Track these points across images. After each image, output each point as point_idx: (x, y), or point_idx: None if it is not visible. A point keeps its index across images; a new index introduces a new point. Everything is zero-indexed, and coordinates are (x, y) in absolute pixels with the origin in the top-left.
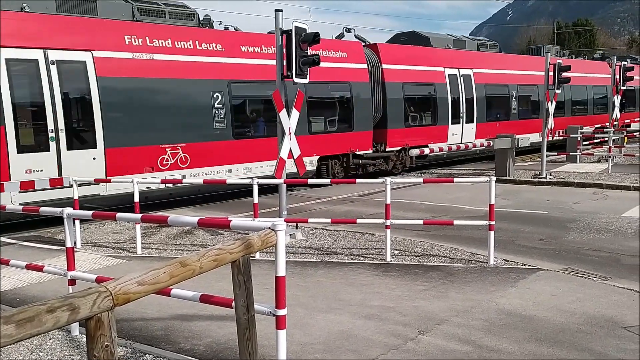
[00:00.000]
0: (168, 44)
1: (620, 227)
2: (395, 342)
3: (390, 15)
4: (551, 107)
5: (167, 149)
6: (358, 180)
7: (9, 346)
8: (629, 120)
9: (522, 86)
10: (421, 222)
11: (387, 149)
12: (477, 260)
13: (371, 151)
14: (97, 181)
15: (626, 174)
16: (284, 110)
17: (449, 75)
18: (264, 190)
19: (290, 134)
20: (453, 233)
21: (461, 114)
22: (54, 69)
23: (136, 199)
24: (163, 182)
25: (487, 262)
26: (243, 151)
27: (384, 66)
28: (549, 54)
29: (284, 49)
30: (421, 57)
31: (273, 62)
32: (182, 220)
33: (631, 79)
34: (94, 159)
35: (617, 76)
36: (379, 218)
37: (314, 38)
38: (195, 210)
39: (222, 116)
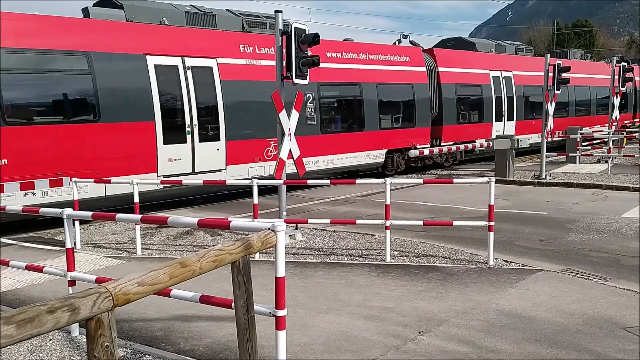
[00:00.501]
0: (271, 51)
1: (620, 228)
2: (394, 342)
3: (389, 16)
4: (551, 108)
5: (271, 142)
6: (358, 180)
7: (8, 347)
8: (628, 121)
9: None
10: (421, 222)
11: (442, 144)
12: (476, 261)
13: (429, 145)
14: (96, 181)
15: (626, 175)
16: (284, 111)
17: (492, 77)
18: (263, 191)
19: (290, 134)
20: (453, 234)
21: (503, 113)
22: (189, 73)
23: (136, 199)
24: (163, 182)
25: (486, 263)
26: (328, 144)
27: (440, 69)
28: (549, 55)
29: (284, 50)
30: (469, 60)
31: (350, 66)
32: (181, 221)
33: (631, 79)
34: (218, 150)
35: (617, 77)
36: (378, 219)
37: (314, 39)
38: (195, 211)
39: (312, 114)
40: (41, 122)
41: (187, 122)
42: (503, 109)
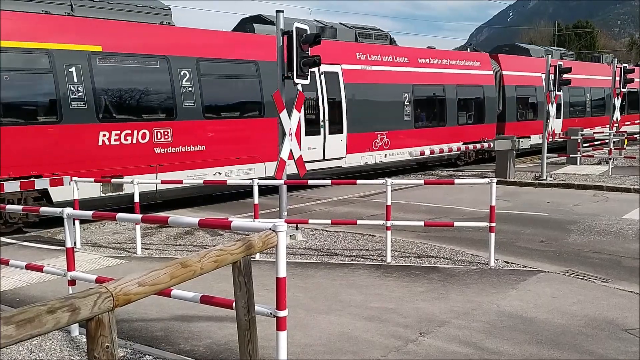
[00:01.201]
0: (378, 58)
1: (621, 230)
2: (395, 343)
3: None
4: (552, 109)
5: (377, 135)
6: (358, 181)
7: (8, 347)
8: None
9: (593, 89)
10: (422, 223)
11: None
12: (477, 262)
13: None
14: (97, 181)
15: (626, 176)
16: (285, 111)
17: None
18: (264, 191)
19: (290, 134)
20: (453, 234)
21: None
22: (322, 77)
23: (136, 199)
24: (163, 182)
25: (487, 264)
26: (419, 137)
27: (504, 72)
28: (550, 56)
29: (285, 50)
30: (526, 64)
31: (436, 70)
32: (182, 221)
33: (632, 81)
34: (341, 141)
35: (618, 78)
36: (379, 219)
37: (315, 39)
38: (195, 211)
39: (408, 111)
40: (227, 117)
41: (321, 118)
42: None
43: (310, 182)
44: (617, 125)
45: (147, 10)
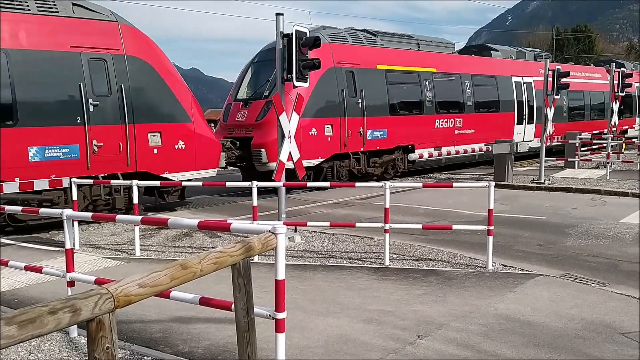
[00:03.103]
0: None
1: (619, 233)
2: (394, 346)
3: (390, 20)
4: (550, 113)
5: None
6: (357, 183)
7: (7, 347)
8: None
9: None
10: (420, 226)
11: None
12: (475, 265)
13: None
14: (96, 182)
15: (624, 180)
16: (284, 113)
17: (637, 87)
18: (262, 192)
19: (290, 137)
20: (452, 238)
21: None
22: (524, 86)
23: (135, 201)
24: (162, 184)
25: (485, 267)
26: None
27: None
28: (548, 60)
29: (285, 53)
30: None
31: (581, 80)
32: (182, 222)
33: (630, 85)
34: (532, 129)
35: (616, 82)
36: (377, 222)
37: (315, 42)
38: (194, 213)
39: (564, 113)
40: (484, 112)
41: (524, 113)
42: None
43: (309, 184)
44: (615, 129)
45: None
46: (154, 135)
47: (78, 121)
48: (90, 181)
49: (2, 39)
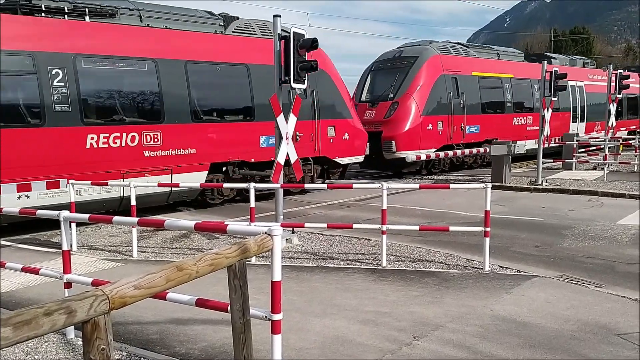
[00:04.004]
0: (597, 77)
1: (615, 235)
2: (390, 347)
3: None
4: (547, 115)
5: (596, 124)
6: (355, 185)
7: (4, 349)
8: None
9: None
10: (417, 227)
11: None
12: (472, 266)
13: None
14: (94, 184)
15: (621, 182)
16: (282, 115)
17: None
18: (260, 194)
19: (287, 138)
20: (449, 239)
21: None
22: (577, 89)
23: (133, 202)
24: (160, 185)
25: (482, 269)
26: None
27: None
28: (545, 62)
29: (282, 54)
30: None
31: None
32: (179, 224)
33: (627, 87)
34: (583, 125)
35: (613, 84)
36: (375, 223)
37: (312, 44)
38: (191, 214)
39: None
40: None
41: (577, 113)
42: None
43: (307, 186)
44: (612, 130)
45: (513, 52)
46: (331, 128)
47: None
48: (88, 182)
49: (243, 58)
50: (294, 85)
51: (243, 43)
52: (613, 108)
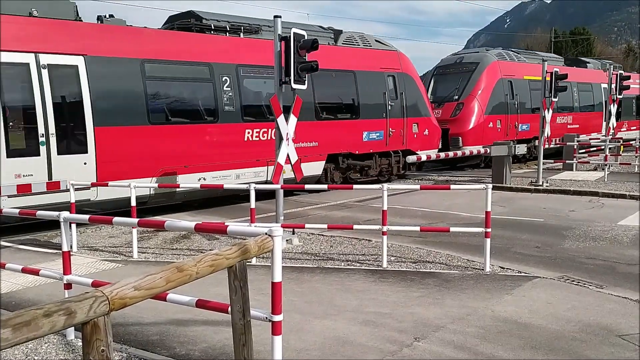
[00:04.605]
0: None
1: (616, 236)
2: (391, 348)
3: (389, 22)
4: (548, 116)
5: (624, 124)
6: (355, 186)
7: (3, 350)
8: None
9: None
10: (418, 228)
11: None
12: (473, 267)
13: None
14: (94, 185)
15: (622, 183)
16: (282, 115)
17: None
18: (261, 195)
19: (287, 139)
20: (449, 240)
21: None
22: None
23: (133, 203)
24: (160, 186)
25: (483, 270)
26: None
27: None
28: (546, 62)
29: (283, 55)
30: None
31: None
32: (179, 225)
33: (627, 87)
34: (628, 128)
35: (614, 85)
36: (375, 224)
37: (312, 44)
38: (192, 215)
39: None
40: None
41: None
42: None
43: (307, 187)
44: (612, 131)
45: (555, 57)
46: (415, 125)
47: (383, 116)
48: (87, 184)
49: (351, 65)
50: (294, 85)
51: (350, 52)
52: (614, 109)
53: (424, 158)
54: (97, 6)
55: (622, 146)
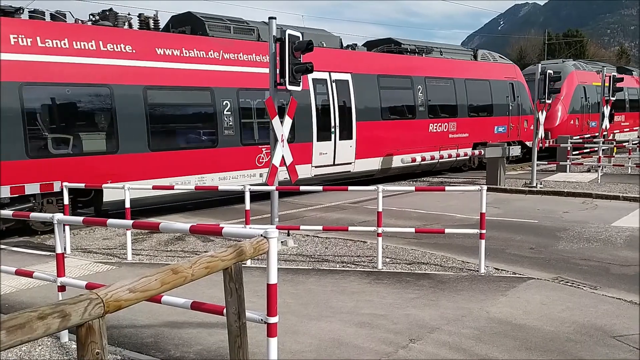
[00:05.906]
0: None
1: (610, 237)
2: (386, 349)
3: (384, 24)
4: (542, 117)
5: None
6: (350, 187)
7: None
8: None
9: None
10: (413, 230)
11: None
12: (468, 268)
13: None
14: (87, 186)
15: (615, 184)
16: (277, 117)
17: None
18: (256, 196)
19: (282, 141)
20: (444, 241)
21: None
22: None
23: (127, 205)
24: (155, 188)
25: (477, 271)
26: None
27: None
28: (539, 65)
29: (277, 57)
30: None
31: None
32: (174, 227)
33: (621, 89)
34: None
35: (607, 86)
36: (370, 226)
37: (307, 46)
38: (187, 217)
39: None
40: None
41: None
42: None
43: (302, 188)
44: (606, 133)
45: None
46: (525, 121)
47: (507, 114)
48: (82, 185)
49: (487, 75)
50: (289, 87)
51: (486, 67)
52: (607, 110)
53: (418, 159)
54: (97, 6)
55: (615, 148)
